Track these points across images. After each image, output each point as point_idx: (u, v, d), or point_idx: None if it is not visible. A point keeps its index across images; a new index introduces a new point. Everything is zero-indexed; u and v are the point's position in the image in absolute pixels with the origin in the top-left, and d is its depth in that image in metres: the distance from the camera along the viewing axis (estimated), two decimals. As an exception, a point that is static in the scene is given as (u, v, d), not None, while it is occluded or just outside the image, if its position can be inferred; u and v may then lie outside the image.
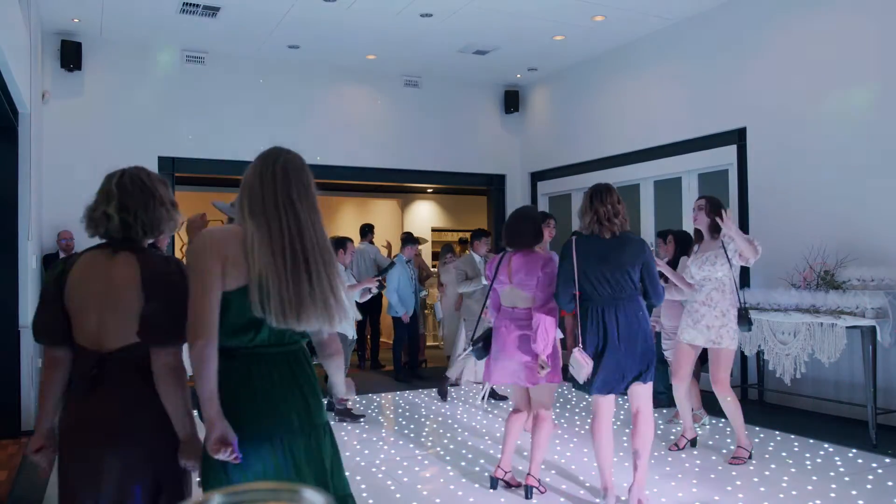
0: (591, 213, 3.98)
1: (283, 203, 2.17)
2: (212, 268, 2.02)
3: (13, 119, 5.68)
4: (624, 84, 8.54)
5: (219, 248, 2.05)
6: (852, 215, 5.98)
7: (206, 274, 2.02)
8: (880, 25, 5.89)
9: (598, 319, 3.81)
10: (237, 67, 8.66)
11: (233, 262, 2.05)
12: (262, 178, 2.21)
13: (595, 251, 3.87)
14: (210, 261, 2.03)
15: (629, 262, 3.82)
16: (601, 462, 3.92)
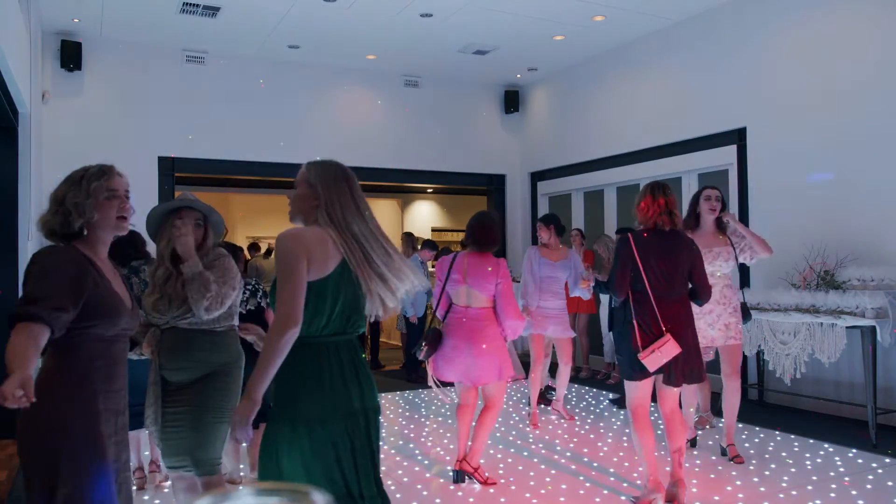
0: (654, 205, 3.93)
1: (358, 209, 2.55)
2: (301, 265, 2.27)
3: (13, 119, 5.68)
4: (624, 84, 8.54)
5: (307, 248, 2.30)
6: (852, 215, 5.98)
7: (297, 270, 2.26)
8: (880, 25, 5.89)
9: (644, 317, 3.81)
10: (237, 67, 8.66)
11: (317, 258, 2.31)
12: (333, 187, 2.55)
13: (653, 247, 3.87)
14: (300, 259, 2.27)
15: (682, 260, 3.87)
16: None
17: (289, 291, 2.23)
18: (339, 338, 2.36)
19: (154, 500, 4.17)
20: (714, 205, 4.78)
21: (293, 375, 2.30)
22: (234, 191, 11.54)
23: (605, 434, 5.65)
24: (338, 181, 2.52)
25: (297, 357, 2.30)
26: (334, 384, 2.31)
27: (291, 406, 2.30)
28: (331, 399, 2.30)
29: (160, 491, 4.33)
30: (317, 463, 2.27)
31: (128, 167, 2.60)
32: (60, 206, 2.30)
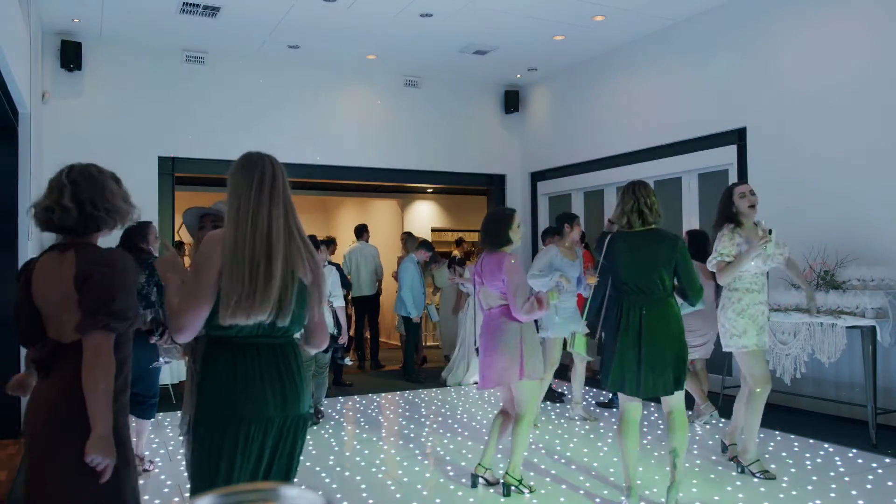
0: (628, 203, 3.91)
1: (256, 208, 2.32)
2: (211, 270, 2.22)
3: (13, 119, 5.68)
4: (624, 84, 8.54)
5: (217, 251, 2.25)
6: (852, 215, 5.98)
7: (204, 276, 2.22)
8: (880, 25, 5.89)
9: (626, 318, 3.74)
10: (237, 67, 8.66)
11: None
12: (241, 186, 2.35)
13: (626, 248, 3.81)
14: (211, 264, 2.22)
15: (662, 260, 3.74)
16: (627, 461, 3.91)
17: (192, 292, 2.22)
18: (261, 340, 2.28)
19: (154, 501, 4.17)
20: (752, 200, 4.40)
21: (209, 374, 2.26)
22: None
23: (605, 434, 5.65)
24: (244, 176, 2.32)
25: (212, 356, 2.27)
26: (249, 386, 2.23)
27: (201, 405, 2.26)
28: (246, 400, 2.23)
29: (160, 490, 4.32)
30: (212, 465, 2.22)
31: (128, 167, 2.62)
32: (112, 206, 2.30)
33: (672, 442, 3.86)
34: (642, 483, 4.35)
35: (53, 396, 2.23)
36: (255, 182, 2.29)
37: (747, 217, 4.41)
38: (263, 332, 2.27)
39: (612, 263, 3.89)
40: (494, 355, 4.12)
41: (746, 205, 4.40)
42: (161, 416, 6.27)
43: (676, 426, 3.85)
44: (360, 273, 9.14)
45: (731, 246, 4.34)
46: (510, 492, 4.16)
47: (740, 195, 4.44)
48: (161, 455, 5.12)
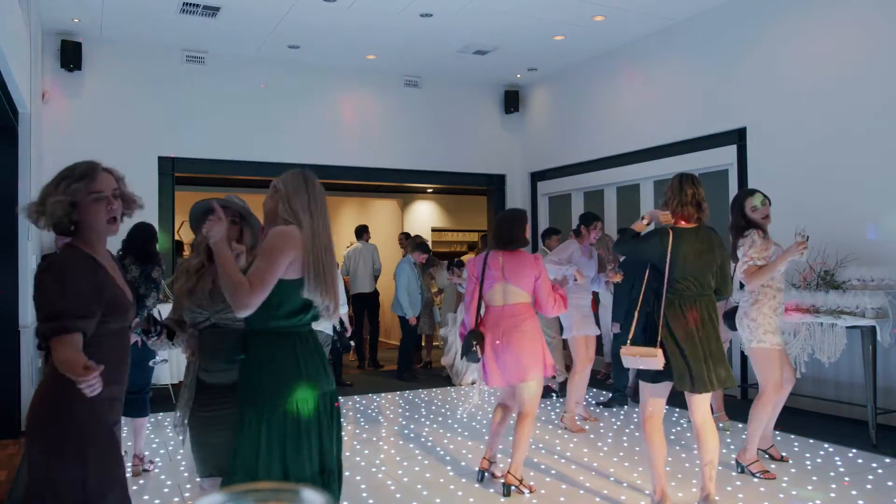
0: (681, 197, 3.82)
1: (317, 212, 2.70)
2: (285, 258, 2.52)
3: (13, 119, 5.67)
4: (624, 84, 8.54)
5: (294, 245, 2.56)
6: (852, 215, 5.98)
7: (284, 261, 2.51)
8: (880, 25, 5.89)
9: (682, 316, 3.66)
10: (237, 67, 8.66)
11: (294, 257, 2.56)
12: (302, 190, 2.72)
13: (686, 244, 3.71)
14: (284, 255, 2.52)
15: (716, 257, 3.73)
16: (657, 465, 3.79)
17: (267, 274, 2.48)
18: (305, 329, 2.65)
19: (154, 501, 4.17)
20: (764, 211, 4.48)
21: (269, 360, 2.56)
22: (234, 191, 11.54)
23: (606, 434, 5.65)
24: (300, 190, 2.69)
25: (275, 345, 2.57)
26: (308, 367, 2.58)
27: (271, 387, 2.53)
28: (308, 379, 2.56)
29: (160, 490, 4.33)
30: (293, 443, 2.51)
31: (128, 167, 2.60)
32: (41, 205, 2.30)
33: (707, 454, 3.69)
34: (642, 483, 4.35)
35: (39, 391, 2.31)
36: (311, 189, 2.70)
37: (765, 227, 4.51)
38: (306, 322, 2.64)
39: (667, 259, 3.72)
40: (519, 351, 4.13)
41: (760, 217, 4.49)
42: (161, 416, 6.27)
43: (710, 434, 3.69)
44: (359, 271, 9.20)
45: (764, 251, 4.40)
46: (510, 491, 4.15)
47: (752, 209, 4.49)
48: (161, 455, 5.12)
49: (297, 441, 2.51)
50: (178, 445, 5.20)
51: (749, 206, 4.49)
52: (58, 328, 2.14)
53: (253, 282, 2.44)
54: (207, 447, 2.81)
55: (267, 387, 2.53)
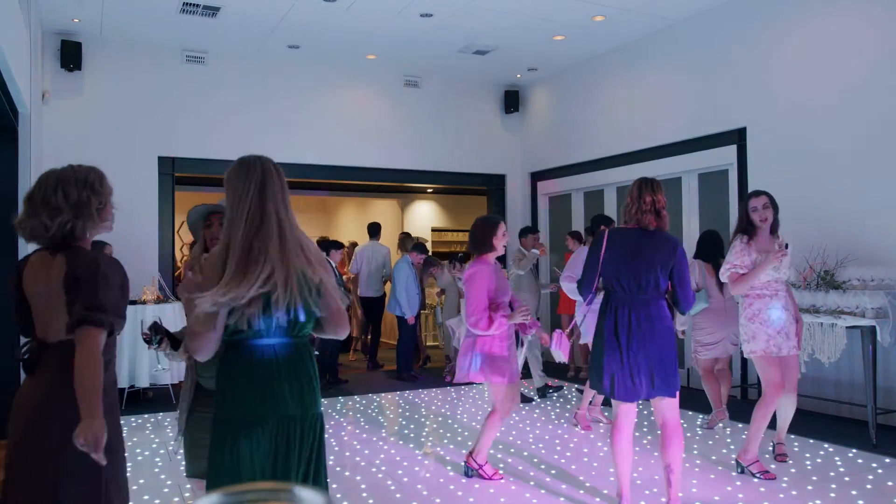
0: (637, 202, 3.72)
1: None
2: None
3: (13, 119, 5.68)
4: (624, 84, 8.54)
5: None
6: (852, 215, 5.98)
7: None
8: (880, 25, 5.89)
9: (616, 317, 3.65)
10: (237, 67, 8.66)
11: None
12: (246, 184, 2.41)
13: (627, 245, 3.69)
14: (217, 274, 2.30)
15: (661, 261, 3.63)
16: (619, 470, 3.81)
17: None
18: (275, 340, 2.33)
19: (154, 501, 4.17)
20: (763, 214, 4.40)
21: (226, 377, 2.36)
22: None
23: (606, 434, 5.65)
24: (238, 179, 2.36)
25: (229, 359, 2.35)
26: (268, 385, 2.29)
27: (220, 407, 2.34)
28: (265, 399, 2.29)
29: (160, 490, 4.33)
30: (238, 466, 2.27)
31: (128, 167, 2.63)
32: (74, 214, 2.30)
33: (667, 457, 3.69)
34: (642, 483, 4.35)
35: (36, 397, 2.26)
36: (250, 184, 2.33)
37: (762, 230, 4.44)
38: (278, 333, 2.32)
39: (610, 260, 3.73)
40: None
41: (758, 219, 4.43)
42: (161, 416, 6.27)
43: (672, 438, 3.68)
44: (364, 272, 9.09)
45: (745, 258, 4.37)
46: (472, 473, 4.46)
47: (752, 209, 4.45)
48: (161, 455, 5.12)
49: (228, 465, 2.27)
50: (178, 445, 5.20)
51: (751, 207, 4.47)
52: (96, 319, 2.17)
53: (191, 330, 2.29)
54: (197, 447, 2.84)
55: (221, 404, 2.35)
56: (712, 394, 5.67)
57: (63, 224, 2.29)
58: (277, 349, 2.32)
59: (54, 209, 2.28)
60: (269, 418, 2.28)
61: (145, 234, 8.01)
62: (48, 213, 2.28)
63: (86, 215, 2.32)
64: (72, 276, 2.25)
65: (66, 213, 2.29)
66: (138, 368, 6.64)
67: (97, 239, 3.69)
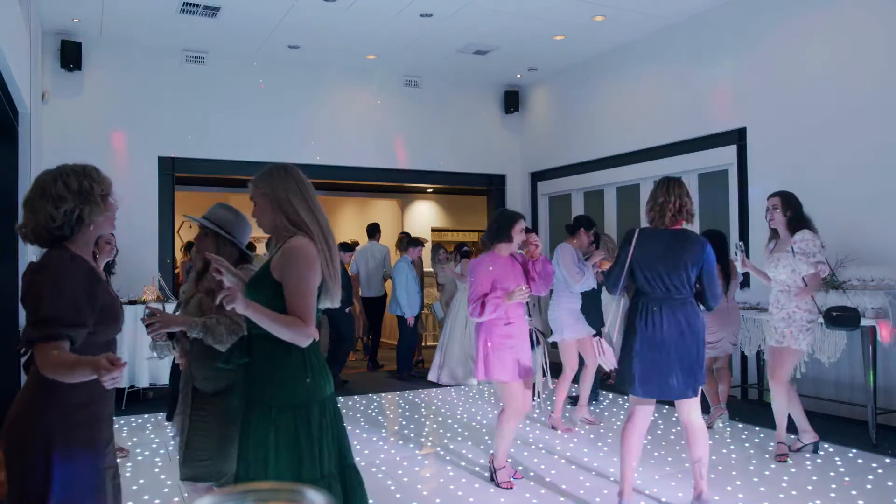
0: (657, 203, 3.80)
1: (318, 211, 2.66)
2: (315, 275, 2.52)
3: (13, 119, 5.68)
4: (624, 84, 8.54)
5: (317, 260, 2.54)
6: (852, 215, 5.98)
7: (314, 279, 2.51)
8: (880, 25, 5.89)
9: (649, 317, 3.68)
10: (237, 67, 8.66)
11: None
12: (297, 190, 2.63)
13: (655, 246, 3.73)
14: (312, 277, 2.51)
15: (692, 261, 3.68)
16: (627, 467, 3.85)
17: (310, 300, 2.49)
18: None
19: (154, 501, 4.17)
20: (770, 215, 4.81)
21: (280, 364, 2.51)
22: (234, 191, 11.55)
23: (606, 434, 5.65)
24: (291, 185, 2.60)
25: (282, 349, 2.50)
26: (314, 374, 2.54)
27: (282, 393, 2.50)
28: (313, 387, 2.53)
29: (160, 490, 4.33)
30: (306, 447, 2.48)
31: (128, 167, 2.62)
32: (79, 201, 2.17)
33: (695, 452, 3.76)
34: (642, 483, 4.35)
35: (20, 403, 2.16)
36: (300, 183, 2.60)
37: (780, 231, 4.83)
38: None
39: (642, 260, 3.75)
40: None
41: (767, 219, 4.85)
42: (161, 416, 6.26)
43: (697, 434, 3.75)
44: (365, 273, 9.11)
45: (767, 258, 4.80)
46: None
47: (765, 209, 4.83)
48: (161, 455, 5.12)
49: (309, 446, 2.48)
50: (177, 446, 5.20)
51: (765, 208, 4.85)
52: (46, 335, 2.02)
53: (303, 316, 2.44)
54: (192, 450, 2.85)
55: (276, 391, 2.50)
56: (710, 392, 5.68)
57: (70, 212, 2.15)
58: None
59: (58, 199, 2.14)
60: (327, 398, 2.61)
61: (145, 234, 8.01)
62: (53, 204, 2.14)
63: (91, 201, 2.18)
64: (24, 280, 2.13)
65: (70, 200, 2.15)
66: (138, 368, 6.64)
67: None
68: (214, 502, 0.74)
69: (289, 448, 2.46)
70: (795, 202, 4.80)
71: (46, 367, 2.02)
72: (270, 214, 2.57)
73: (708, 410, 5.82)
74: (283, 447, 2.46)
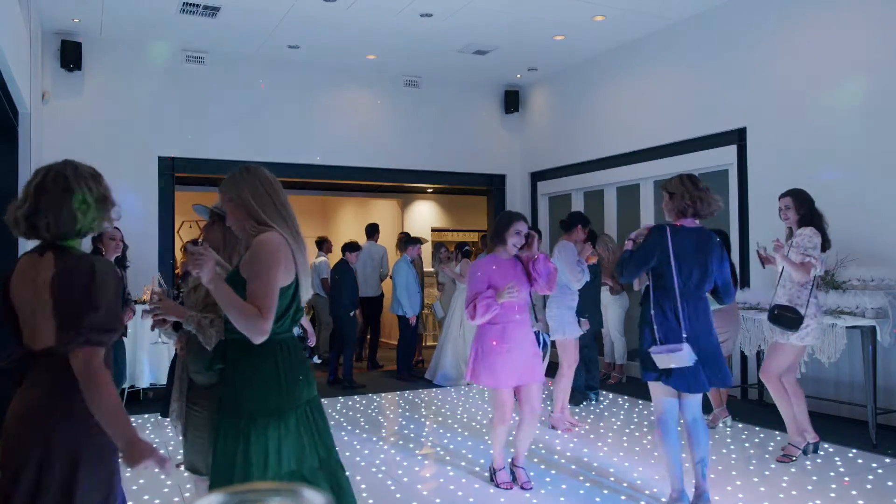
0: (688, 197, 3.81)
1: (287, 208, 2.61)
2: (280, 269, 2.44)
3: (13, 119, 5.68)
4: (624, 84, 8.54)
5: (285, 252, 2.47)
6: (852, 215, 5.98)
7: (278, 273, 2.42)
8: (880, 26, 5.88)
9: (676, 311, 3.70)
10: (237, 67, 8.66)
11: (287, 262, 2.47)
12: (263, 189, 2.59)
13: (687, 241, 3.75)
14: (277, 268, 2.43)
15: (713, 257, 3.77)
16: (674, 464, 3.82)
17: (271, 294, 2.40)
18: (286, 335, 2.55)
19: (154, 501, 4.17)
20: (784, 214, 4.86)
21: (251, 372, 2.46)
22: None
23: (606, 434, 5.65)
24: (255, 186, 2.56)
25: (256, 355, 2.45)
26: (290, 381, 2.48)
27: (251, 401, 2.44)
28: (287, 393, 2.46)
29: (160, 490, 4.33)
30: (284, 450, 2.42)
31: (128, 167, 2.61)
32: (103, 203, 2.16)
33: (698, 452, 3.76)
34: (642, 483, 4.35)
35: (29, 410, 2.07)
36: (265, 183, 2.56)
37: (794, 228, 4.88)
38: (288, 328, 2.55)
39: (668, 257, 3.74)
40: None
41: (783, 218, 4.91)
42: (161, 416, 6.26)
43: (700, 433, 3.76)
44: (364, 274, 9.12)
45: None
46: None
47: (778, 209, 4.91)
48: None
49: (277, 455, 2.40)
50: (178, 445, 5.20)
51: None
52: (100, 341, 2.01)
53: (261, 306, 2.34)
54: (185, 441, 2.91)
55: (246, 399, 2.44)
56: (714, 393, 5.67)
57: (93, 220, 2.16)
58: (287, 342, 2.59)
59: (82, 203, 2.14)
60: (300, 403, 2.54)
61: (145, 234, 8.00)
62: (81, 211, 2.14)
63: (108, 209, 2.19)
64: (62, 281, 2.05)
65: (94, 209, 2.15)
66: (138, 369, 6.64)
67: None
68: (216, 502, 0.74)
69: (260, 458, 2.38)
70: (806, 200, 4.84)
71: (96, 373, 2.00)
72: (239, 217, 2.54)
73: (709, 411, 5.82)
74: (252, 458, 2.38)
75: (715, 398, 5.70)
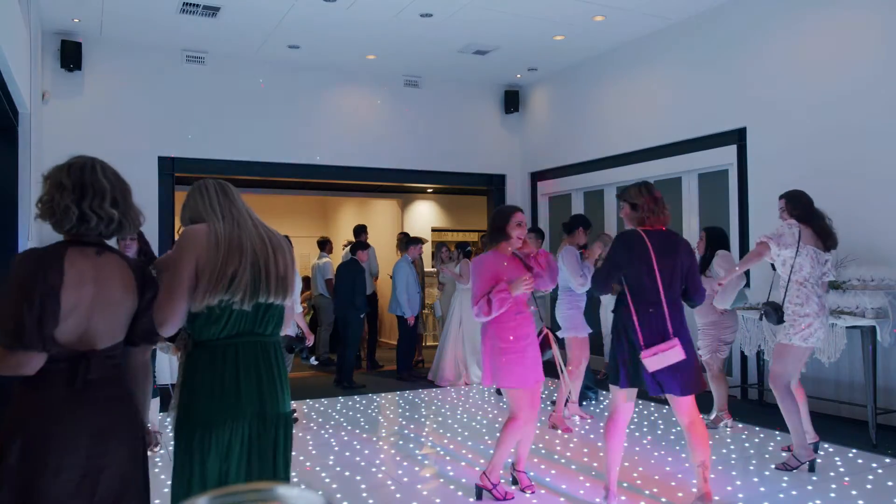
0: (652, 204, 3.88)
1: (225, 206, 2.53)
2: (189, 266, 2.32)
3: (13, 119, 5.68)
4: (624, 84, 8.54)
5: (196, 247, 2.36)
6: (852, 215, 5.97)
7: (188, 259, 2.33)
8: (880, 25, 5.88)
9: (646, 316, 3.70)
10: (237, 67, 8.66)
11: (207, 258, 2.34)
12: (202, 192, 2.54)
13: (655, 247, 3.77)
14: (185, 259, 2.33)
15: (684, 260, 3.79)
16: (612, 463, 3.89)
17: (171, 288, 2.31)
18: (240, 340, 2.36)
19: (154, 501, 4.17)
20: (782, 216, 4.88)
21: (188, 379, 2.36)
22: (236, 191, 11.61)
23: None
24: (193, 198, 2.55)
25: (192, 360, 2.36)
26: (225, 387, 2.30)
27: (185, 411, 2.33)
28: (219, 402, 2.29)
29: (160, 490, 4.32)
30: (207, 469, 2.28)
31: (128, 167, 2.60)
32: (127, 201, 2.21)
33: (698, 455, 3.75)
34: (642, 483, 4.35)
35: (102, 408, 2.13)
36: (206, 191, 2.51)
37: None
38: (244, 332, 2.36)
39: (637, 263, 3.76)
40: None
41: (782, 219, 4.88)
42: (161, 416, 6.26)
43: (698, 436, 3.75)
44: None
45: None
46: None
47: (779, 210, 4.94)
48: (161, 455, 5.11)
49: (187, 465, 2.28)
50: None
51: None
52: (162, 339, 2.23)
53: (160, 297, 2.21)
54: None
55: (184, 406, 2.33)
56: (719, 394, 5.64)
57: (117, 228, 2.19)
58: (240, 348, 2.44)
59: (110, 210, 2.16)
60: (228, 419, 2.36)
61: (145, 235, 7.98)
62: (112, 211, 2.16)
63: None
64: (142, 282, 2.22)
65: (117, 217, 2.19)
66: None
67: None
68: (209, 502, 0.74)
69: (184, 470, 2.29)
70: (800, 201, 4.79)
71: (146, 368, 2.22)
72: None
73: (708, 411, 5.81)
74: (180, 468, 2.31)
75: (720, 399, 5.68)
